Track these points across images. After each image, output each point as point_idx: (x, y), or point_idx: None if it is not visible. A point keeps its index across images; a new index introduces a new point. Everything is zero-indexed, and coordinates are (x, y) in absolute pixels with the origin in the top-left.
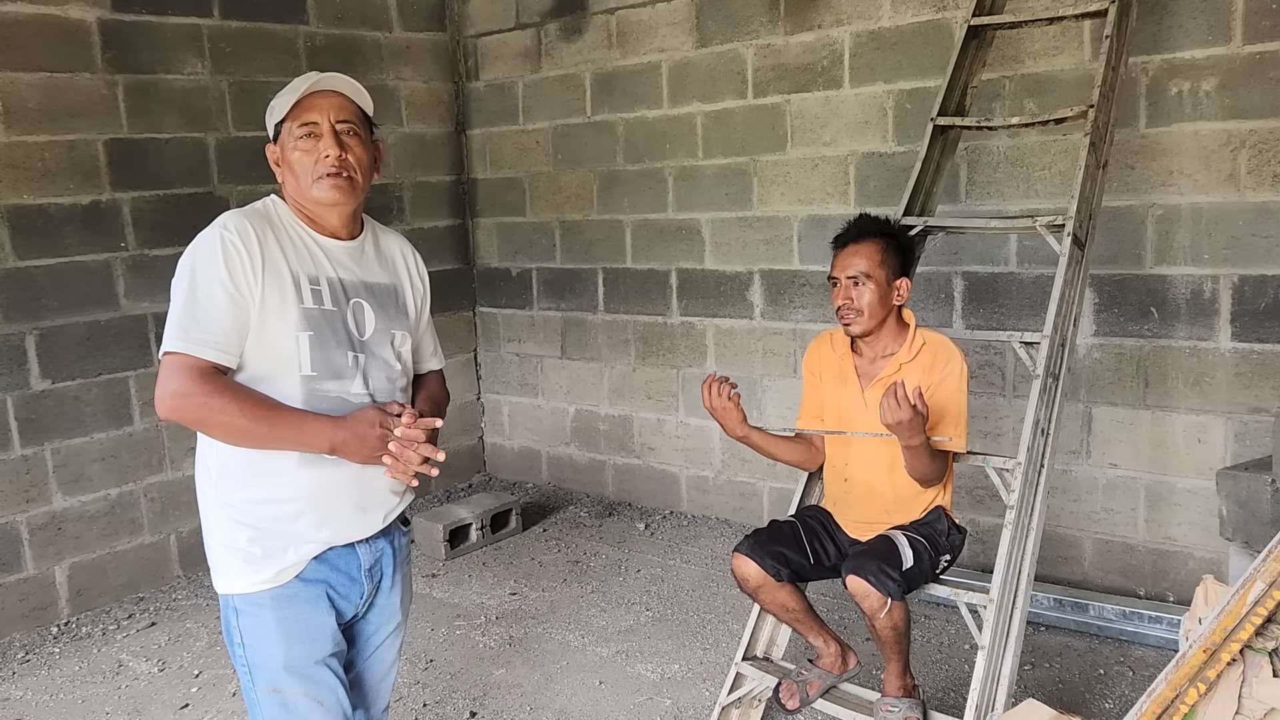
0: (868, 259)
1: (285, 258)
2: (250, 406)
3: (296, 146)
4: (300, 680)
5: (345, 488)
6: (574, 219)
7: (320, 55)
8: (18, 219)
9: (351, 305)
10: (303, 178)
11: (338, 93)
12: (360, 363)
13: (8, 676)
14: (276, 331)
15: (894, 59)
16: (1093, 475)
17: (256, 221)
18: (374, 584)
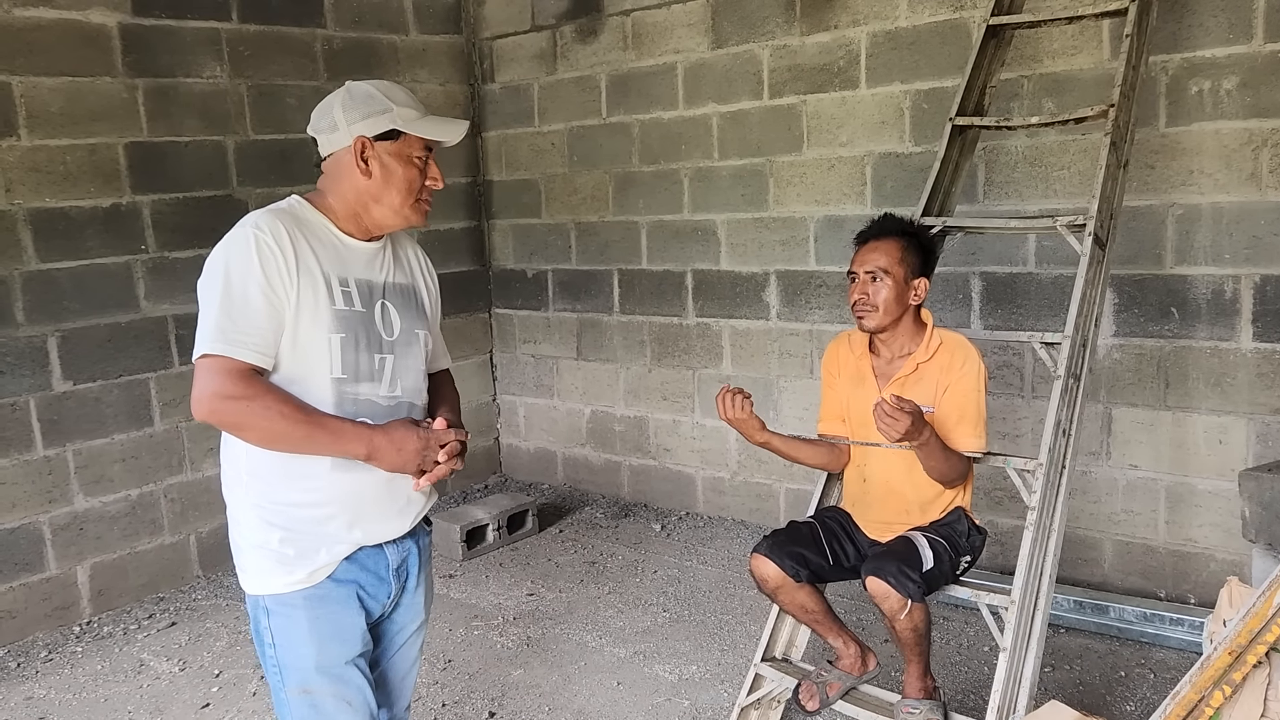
0: (887, 255)
1: (317, 258)
2: (291, 410)
3: (413, 163)
4: (331, 681)
5: (376, 490)
6: (589, 220)
7: (338, 58)
8: (40, 222)
9: (379, 306)
10: (400, 193)
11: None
12: (389, 364)
13: (31, 675)
14: (309, 333)
15: (911, 59)
16: (1113, 476)
17: (287, 221)
18: (400, 583)
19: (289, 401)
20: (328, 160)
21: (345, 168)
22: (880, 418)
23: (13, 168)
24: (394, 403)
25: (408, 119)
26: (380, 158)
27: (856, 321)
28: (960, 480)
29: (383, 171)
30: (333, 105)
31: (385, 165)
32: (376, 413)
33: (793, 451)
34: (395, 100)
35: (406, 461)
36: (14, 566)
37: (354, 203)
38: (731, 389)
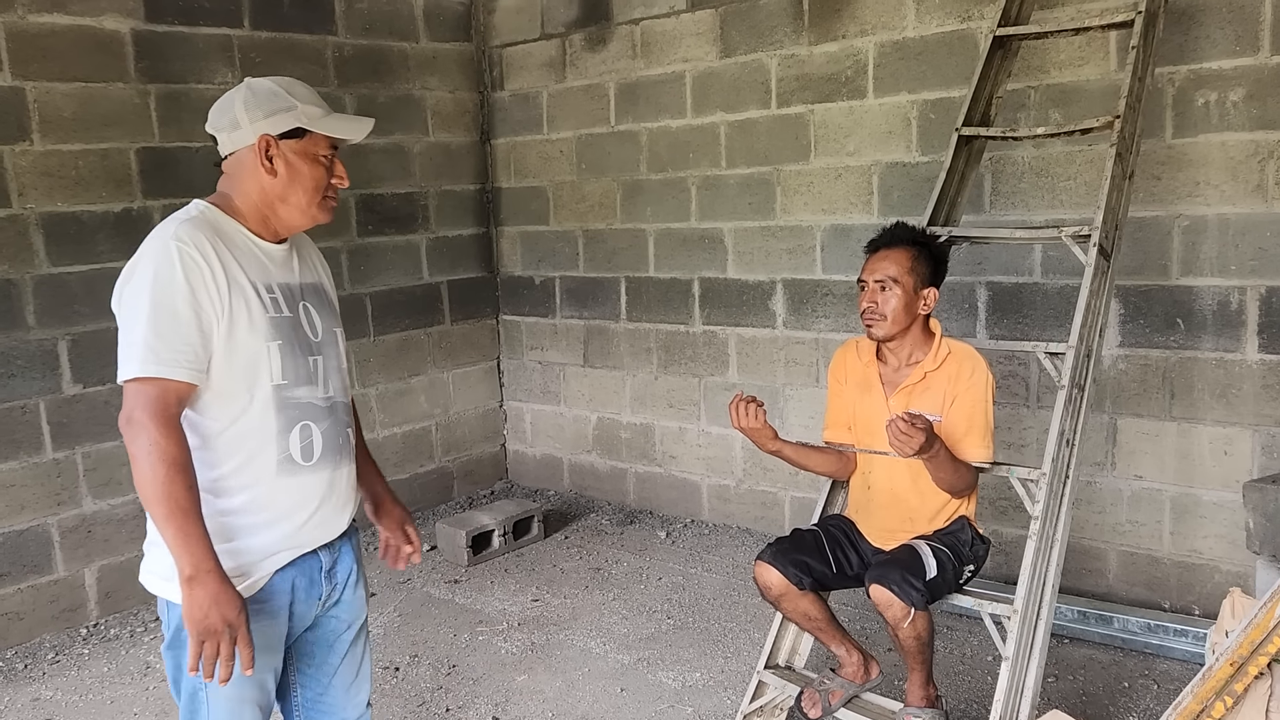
0: (897, 264)
1: (241, 267)
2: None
3: (319, 162)
4: (250, 688)
5: (317, 494)
6: (597, 228)
7: (348, 65)
8: (52, 226)
9: (301, 309)
10: (307, 192)
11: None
12: (320, 366)
13: (38, 676)
14: (247, 344)
15: (918, 69)
16: (1118, 487)
17: (207, 232)
18: (333, 585)
19: (185, 472)
20: (229, 160)
21: (249, 167)
22: (894, 435)
23: (25, 172)
24: (329, 403)
25: (313, 116)
26: (285, 156)
27: (865, 330)
28: (967, 490)
29: (288, 170)
30: (234, 102)
31: (291, 164)
32: (317, 415)
33: (802, 459)
34: (299, 98)
35: (200, 626)
36: (22, 568)
37: (260, 203)
38: (745, 397)
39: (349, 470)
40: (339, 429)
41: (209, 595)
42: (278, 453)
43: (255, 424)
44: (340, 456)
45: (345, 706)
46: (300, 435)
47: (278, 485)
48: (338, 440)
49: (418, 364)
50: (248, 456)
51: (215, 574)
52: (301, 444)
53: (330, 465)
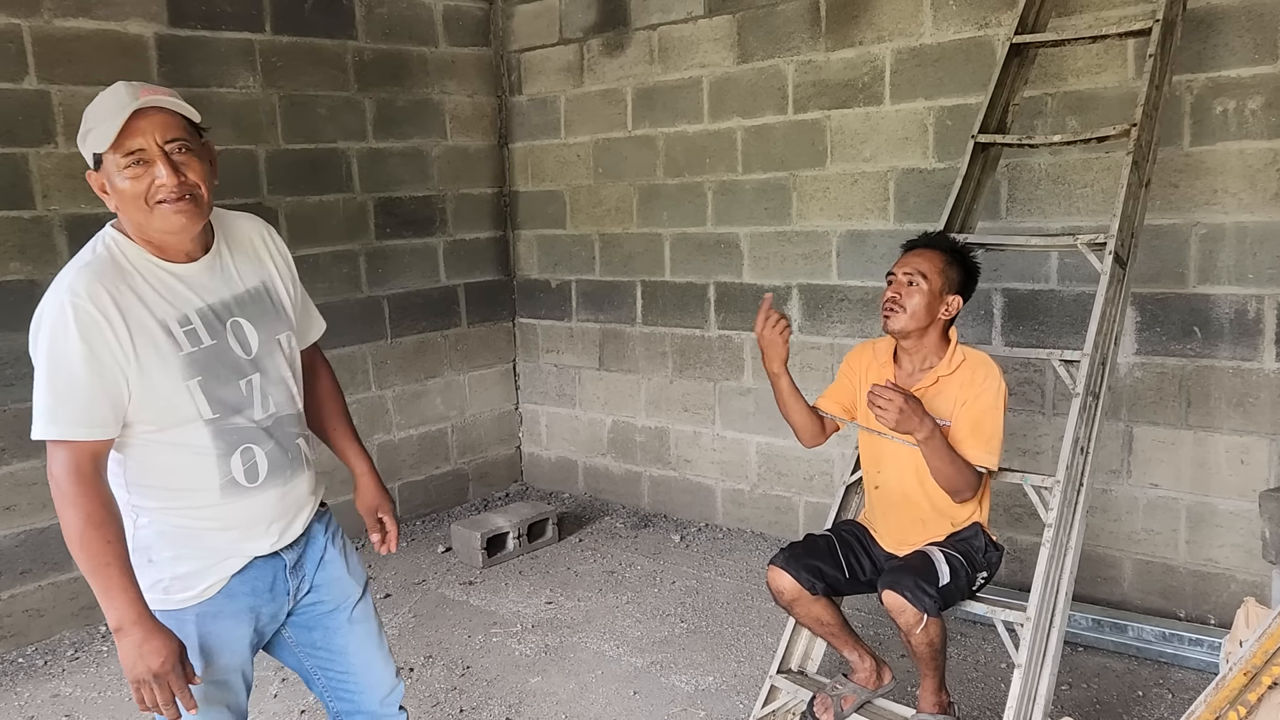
0: (929, 263)
1: (148, 308)
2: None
3: (125, 176)
4: (216, 689)
5: (267, 511)
6: (613, 232)
7: (368, 70)
8: (75, 228)
9: (230, 327)
10: (139, 208)
11: (158, 109)
12: (256, 384)
13: (58, 673)
14: (164, 387)
15: (935, 76)
16: (1133, 495)
17: (106, 278)
18: (300, 576)
19: (102, 527)
20: None
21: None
22: (873, 399)
23: (50, 174)
24: (272, 421)
25: (101, 137)
26: (108, 182)
27: (882, 321)
28: (968, 493)
29: (116, 195)
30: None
31: (117, 189)
32: (258, 438)
33: (790, 400)
34: (92, 118)
35: (131, 675)
36: (43, 566)
37: (138, 233)
38: (776, 310)
39: (304, 478)
40: (286, 444)
41: (134, 646)
42: (220, 477)
43: (192, 453)
44: (291, 470)
45: (370, 677)
46: (243, 458)
47: (224, 507)
48: (285, 457)
49: (434, 366)
50: (189, 479)
51: (140, 625)
52: (244, 466)
53: (279, 482)
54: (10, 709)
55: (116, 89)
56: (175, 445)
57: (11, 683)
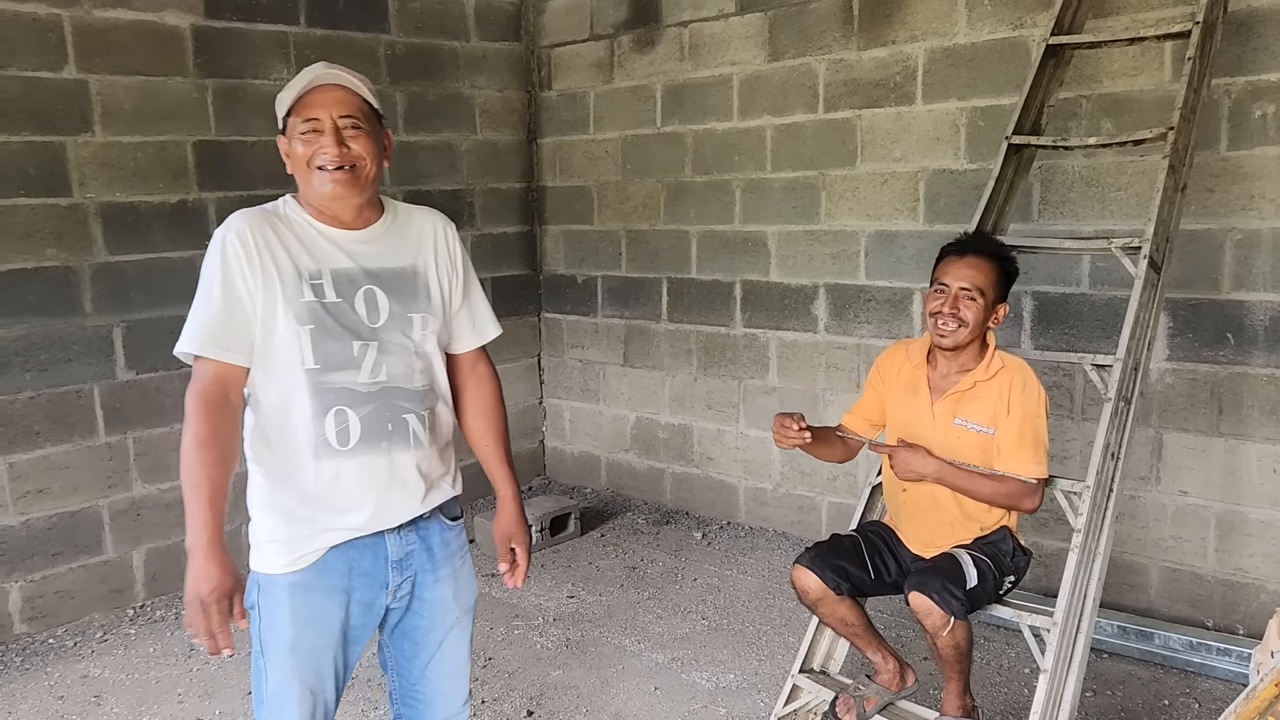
0: (986, 276)
1: (288, 253)
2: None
3: (300, 139)
4: (300, 664)
5: (358, 479)
6: (640, 228)
7: (400, 63)
8: (110, 215)
9: (362, 293)
10: (302, 170)
11: (340, 86)
12: (371, 351)
13: (87, 655)
14: (278, 327)
15: (969, 76)
16: (1162, 502)
17: (259, 221)
18: (405, 577)
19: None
20: None
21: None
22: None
23: (86, 163)
24: (376, 388)
25: (285, 101)
26: (287, 147)
27: (936, 336)
28: (1027, 501)
29: (290, 159)
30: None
31: (290, 153)
32: (355, 401)
33: (823, 452)
34: (287, 88)
35: (186, 594)
36: (74, 549)
37: (304, 195)
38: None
39: (409, 458)
40: (389, 414)
41: (193, 570)
42: (315, 435)
43: (293, 405)
44: (390, 443)
45: (439, 703)
46: (335, 419)
47: (318, 467)
48: (385, 427)
49: None
50: (289, 435)
51: (203, 550)
52: (337, 428)
53: (373, 451)
54: (41, 689)
55: (314, 66)
56: (280, 398)
57: (42, 663)
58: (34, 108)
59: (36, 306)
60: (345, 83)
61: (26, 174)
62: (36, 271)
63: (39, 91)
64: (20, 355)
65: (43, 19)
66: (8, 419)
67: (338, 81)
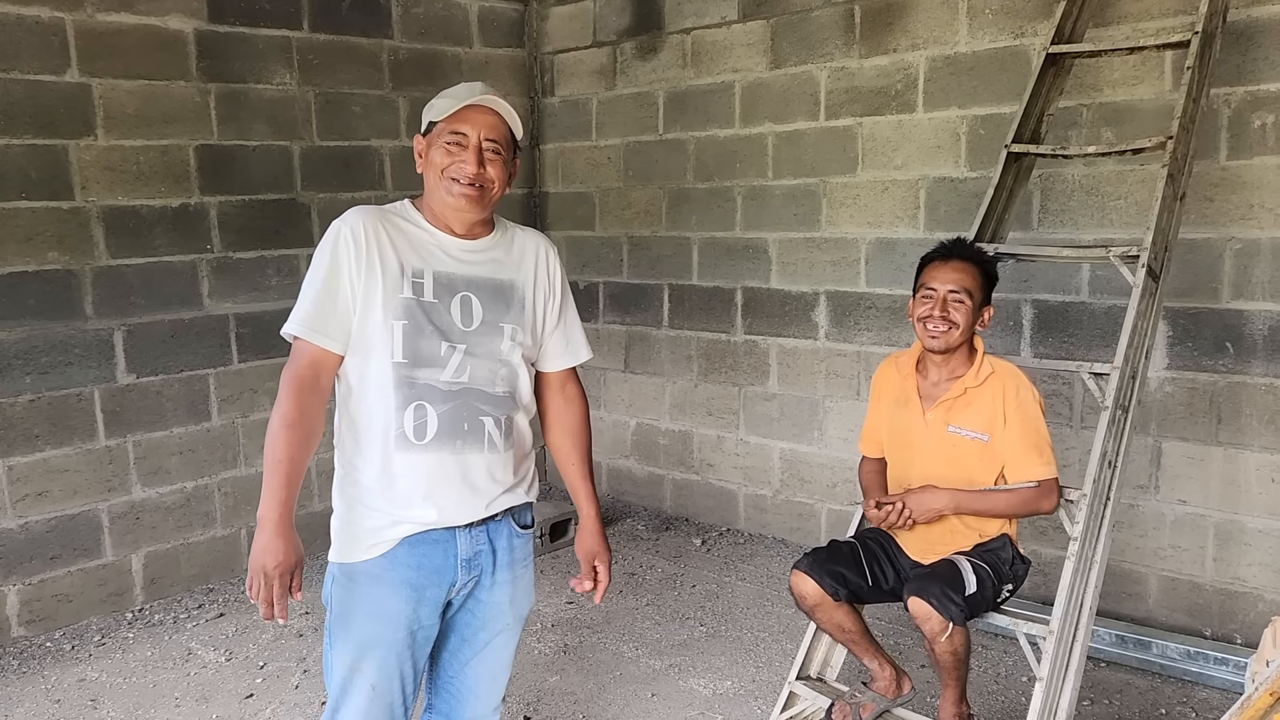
0: (972, 278)
1: (395, 250)
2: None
3: (442, 148)
4: (364, 659)
5: (432, 474)
6: (642, 234)
7: (403, 69)
8: (112, 219)
9: (459, 298)
10: (435, 175)
11: (494, 111)
12: (457, 353)
13: (84, 658)
14: (375, 318)
15: (969, 84)
16: (1161, 511)
17: (374, 217)
18: (472, 576)
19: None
20: None
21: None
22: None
23: (89, 166)
24: (457, 388)
25: (440, 109)
26: (425, 150)
27: (928, 339)
28: (1045, 503)
29: (426, 162)
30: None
31: (430, 155)
32: (435, 397)
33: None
34: (444, 95)
35: (250, 564)
36: (73, 552)
37: (427, 197)
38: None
39: (483, 458)
40: (467, 414)
41: (261, 542)
42: (395, 427)
43: (378, 395)
44: (464, 441)
45: (471, 701)
46: (414, 414)
47: (396, 459)
48: (462, 426)
49: None
50: (371, 425)
51: (272, 524)
52: (415, 423)
53: (448, 449)
54: (38, 692)
55: (475, 84)
56: (366, 389)
57: (39, 666)
58: (36, 111)
59: (37, 309)
60: (499, 109)
61: (28, 177)
62: (38, 274)
63: (41, 94)
64: (21, 358)
65: (45, 22)
66: (8, 421)
67: (494, 106)
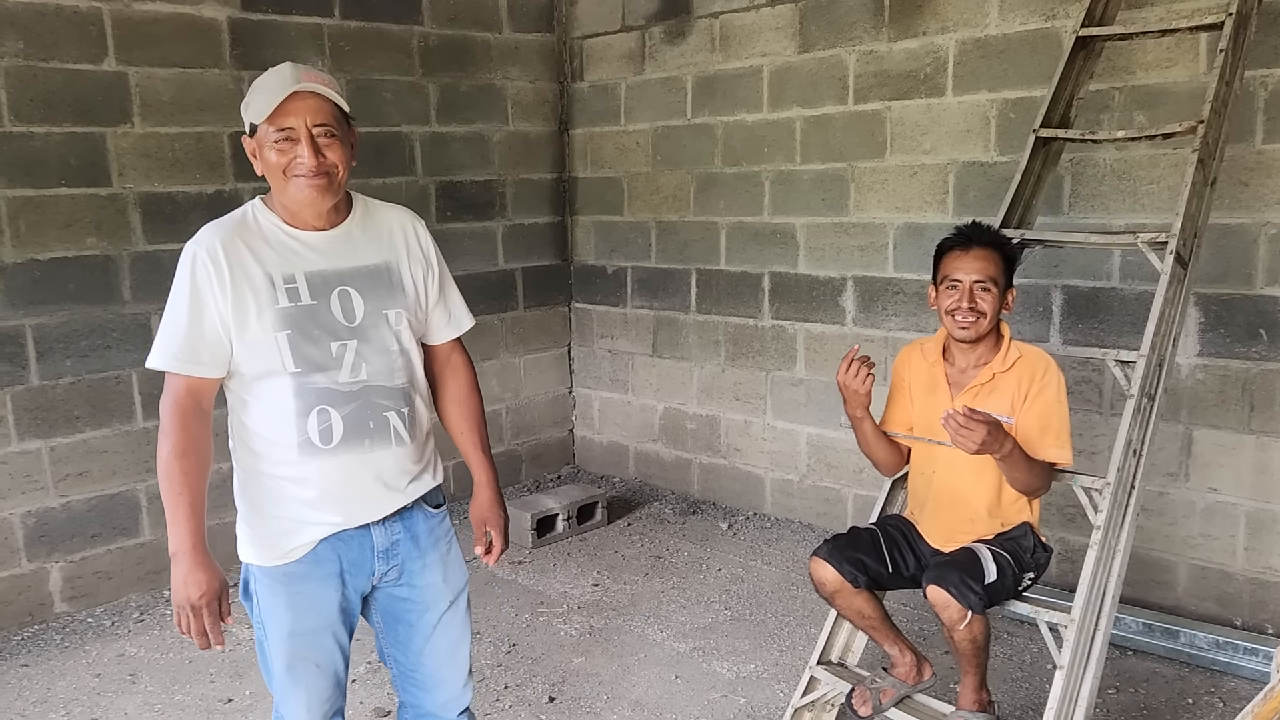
0: (995, 265)
1: (259, 262)
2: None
3: (273, 149)
4: (304, 645)
5: (341, 476)
6: (670, 219)
7: (432, 55)
8: (148, 205)
9: (336, 294)
10: (278, 178)
11: (313, 93)
12: (349, 351)
13: (124, 634)
14: (257, 335)
15: (999, 68)
16: (1190, 499)
17: (229, 233)
18: (391, 565)
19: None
20: None
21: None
22: (954, 431)
23: (125, 153)
24: (358, 387)
25: (258, 109)
26: (258, 150)
27: (956, 330)
28: (1045, 491)
29: (263, 162)
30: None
31: (264, 158)
32: (336, 400)
33: (873, 439)
34: (256, 90)
35: (175, 599)
36: (113, 530)
37: (276, 198)
38: (860, 357)
39: (390, 453)
40: (369, 413)
41: (181, 574)
42: (297, 434)
43: (277, 406)
44: (371, 441)
45: (438, 688)
46: (318, 419)
47: (303, 464)
48: (365, 424)
49: (491, 348)
50: (274, 434)
51: (190, 555)
52: (319, 427)
53: (355, 449)
54: (79, 666)
55: (283, 69)
56: (265, 398)
57: (81, 641)
58: (75, 99)
59: (77, 294)
60: (318, 90)
61: (68, 164)
62: (78, 260)
63: (80, 83)
64: (61, 341)
65: (84, 12)
66: (49, 403)
67: (311, 88)
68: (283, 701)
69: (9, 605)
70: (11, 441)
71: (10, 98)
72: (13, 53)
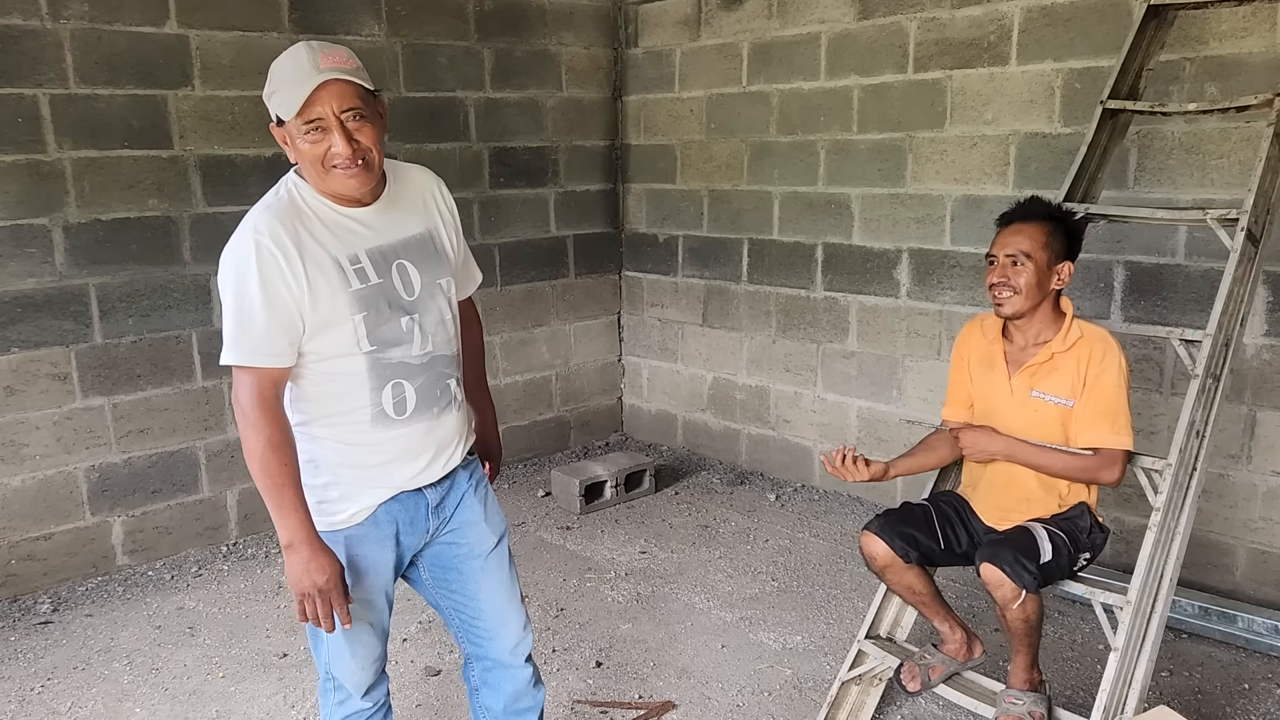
0: (1031, 239)
1: (322, 246)
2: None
3: (305, 140)
4: (361, 609)
5: (412, 444)
6: (723, 188)
7: (487, 20)
8: (208, 168)
9: (395, 269)
10: (316, 169)
11: (336, 79)
12: (416, 323)
13: (183, 588)
14: (332, 319)
15: (1066, 36)
16: (1253, 482)
17: (286, 218)
18: (442, 520)
19: (280, 450)
20: None
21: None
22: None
23: (186, 116)
24: (427, 359)
25: (284, 104)
26: (288, 138)
27: (994, 308)
28: (1106, 474)
29: (296, 153)
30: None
31: (293, 146)
32: (410, 373)
33: (915, 468)
34: (276, 79)
35: (296, 588)
36: (172, 487)
37: (317, 181)
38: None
39: (452, 418)
40: (436, 382)
41: (301, 562)
42: (372, 408)
43: (350, 384)
44: (439, 408)
45: (499, 633)
46: (393, 392)
47: (374, 436)
48: (434, 393)
49: (541, 315)
50: (344, 406)
51: (308, 544)
52: (394, 400)
53: (426, 418)
54: (140, 618)
55: (298, 53)
56: (336, 374)
57: (141, 593)
58: (137, 62)
59: (139, 255)
60: (340, 74)
61: (130, 126)
62: (139, 221)
63: (142, 46)
64: (124, 300)
65: None
66: (112, 361)
67: (333, 75)
68: (335, 661)
69: (74, 557)
70: (76, 398)
71: (75, 60)
72: (78, 15)
